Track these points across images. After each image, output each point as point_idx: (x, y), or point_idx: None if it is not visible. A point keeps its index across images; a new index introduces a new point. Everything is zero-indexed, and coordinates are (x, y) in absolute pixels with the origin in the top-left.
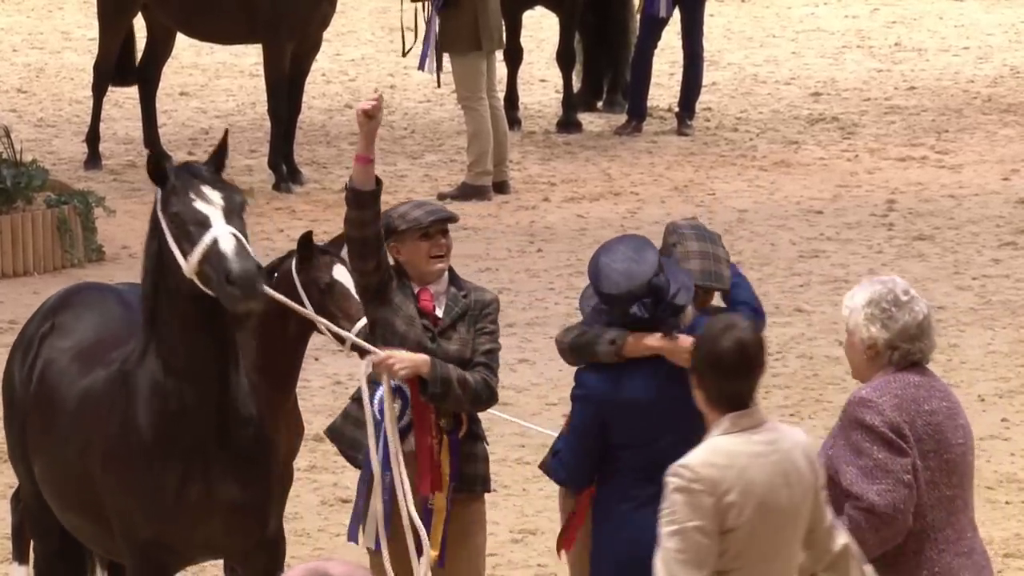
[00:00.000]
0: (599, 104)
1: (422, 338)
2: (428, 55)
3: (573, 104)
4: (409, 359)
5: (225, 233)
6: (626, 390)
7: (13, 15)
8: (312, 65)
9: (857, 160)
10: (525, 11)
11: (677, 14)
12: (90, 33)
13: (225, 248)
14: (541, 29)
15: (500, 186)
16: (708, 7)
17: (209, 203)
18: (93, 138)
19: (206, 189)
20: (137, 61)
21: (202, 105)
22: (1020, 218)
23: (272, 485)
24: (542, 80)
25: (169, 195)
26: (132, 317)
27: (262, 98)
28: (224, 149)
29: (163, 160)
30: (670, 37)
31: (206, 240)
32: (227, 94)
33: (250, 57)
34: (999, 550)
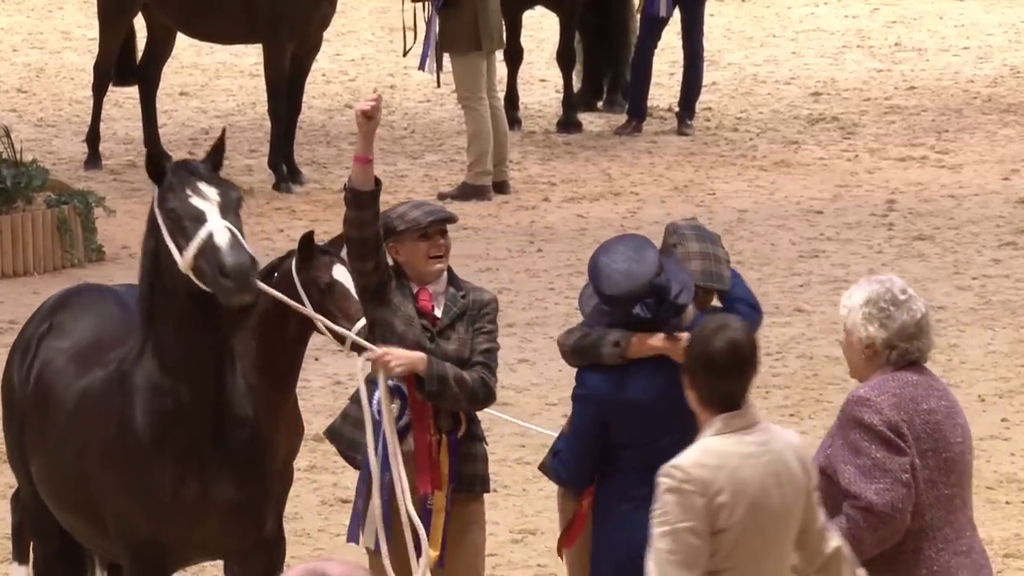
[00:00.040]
0: (599, 104)
1: (421, 338)
2: (428, 55)
3: (573, 104)
4: (405, 356)
5: (220, 227)
6: (628, 390)
7: (13, 15)
8: (312, 65)
9: (857, 160)
10: (525, 11)
11: (677, 14)
12: (90, 33)
13: (220, 241)
14: (541, 29)
15: (500, 186)
16: (708, 7)
17: (205, 199)
18: (93, 138)
19: (203, 185)
20: (137, 61)
21: (202, 105)
22: (1020, 218)
23: (268, 485)
24: (542, 80)
25: (166, 192)
26: (130, 318)
27: (262, 98)
28: (222, 147)
29: (161, 158)
30: (670, 37)
31: (201, 234)
32: (227, 94)
33: (250, 57)
34: (999, 550)
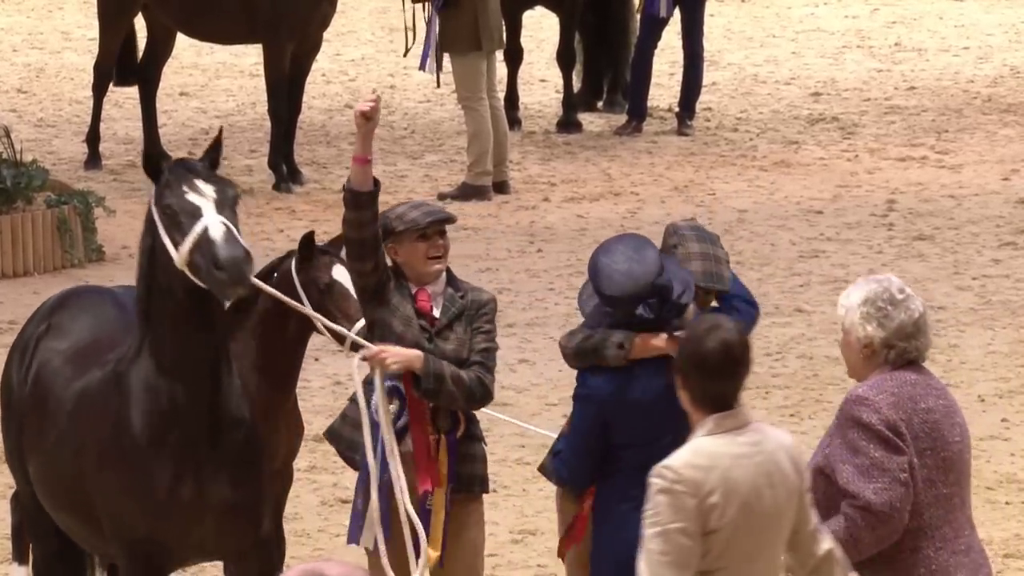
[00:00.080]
0: (599, 104)
1: (419, 338)
2: (428, 55)
3: (573, 104)
4: (402, 353)
5: (215, 222)
6: (629, 390)
7: (13, 15)
8: (312, 65)
9: (857, 160)
10: (525, 11)
11: (677, 14)
12: (90, 33)
13: (214, 235)
14: (541, 29)
15: (500, 186)
16: (708, 7)
17: (202, 195)
18: (93, 138)
19: (199, 182)
20: (138, 61)
21: (202, 105)
22: (1020, 218)
23: (264, 486)
24: (542, 80)
25: (163, 189)
26: (128, 319)
27: (262, 98)
28: (219, 145)
29: (159, 157)
30: (670, 37)
31: (197, 229)
32: (227, 94)
33: (250, 57)
34: (999, 550)
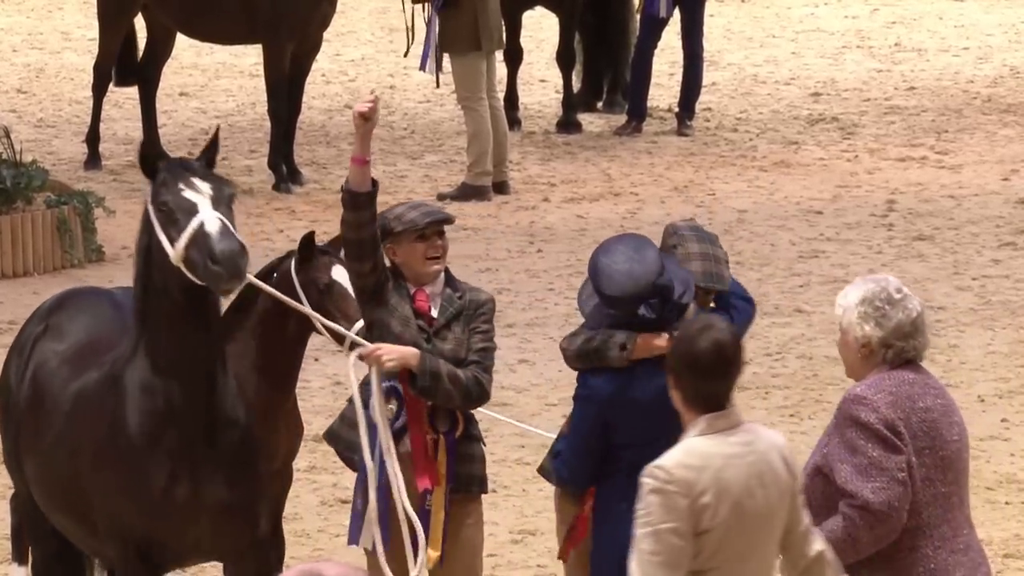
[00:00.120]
0: (599, 104)
1: (417, 338)
2: (428, 55)
3: (573, 104)
4: (398, 351)
5: (211, 217)
6: (630, 390)
7: (13, 15)
8: (312, 65)
9: (857, 160)
10: (525, 11)
11: (677, 14)
12: (90, 33)
13: (210, 229)
14: (541, 29)
15: (500, 186)
16: (708, 7)
17: (198, 192)
18: (93, 138)
19: (196, 180)
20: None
21: (202, 105)
22: (1020, 218)
23: (260, 486)
24: (542, 80)
25: (159, 187)
26: (126, 319)
27: (262, 98)
28: (215, 144)
29: (155, 156)
30: (670, 37)
31: (193, 225)
32: (227, 94)
33: (250, 57)
34: (999, 550)
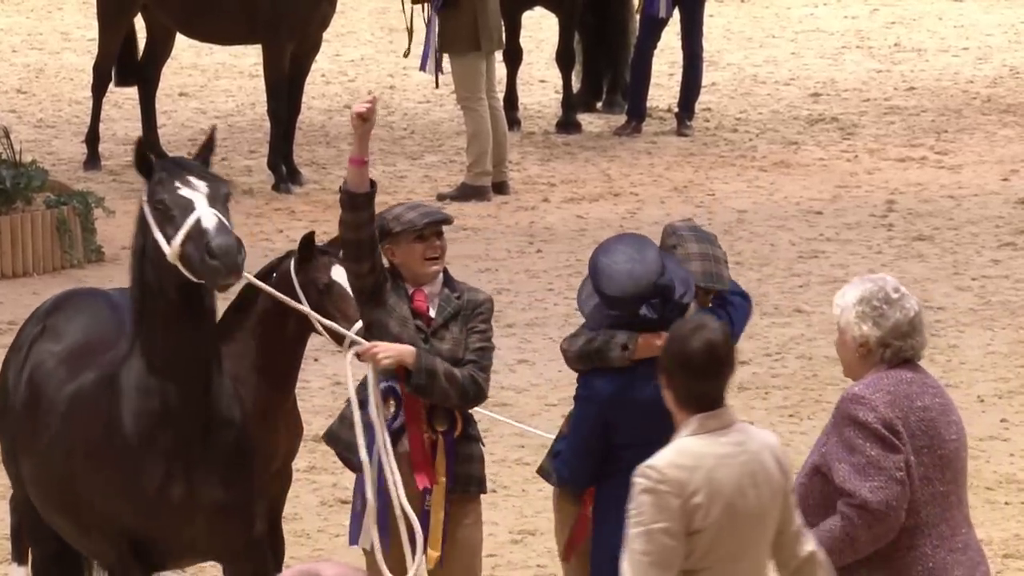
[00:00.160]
0: (598, 105)
1: (415, 339)
2: (429, 56)
3: (572, 105)
4: (394, 349)
5: (208, 214)
6: (631, 390)
7: (13, 16)
8: (312, 66)
9: (857, 161)
10: (525, 11)
11: (677, 14)
12: (90, 34)
13: (207, 225)
14: (541, 29)
15: (499, 187)
16: (708, 7)
17: (194, 190)
18: (92, 139)
19: (192, 178)
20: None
21: (201, 106)
22: (1019, 218)
23: (255, 486)
24: (542, 81)
25: (155, 186)
26: (122, 320)
27: (262, 99)
28: (211, 144)
29: (150, 154)
30: (670, 37)
31: (189, 221)
32: (226, 95)
33: (250, 58)
34: (999, 550)
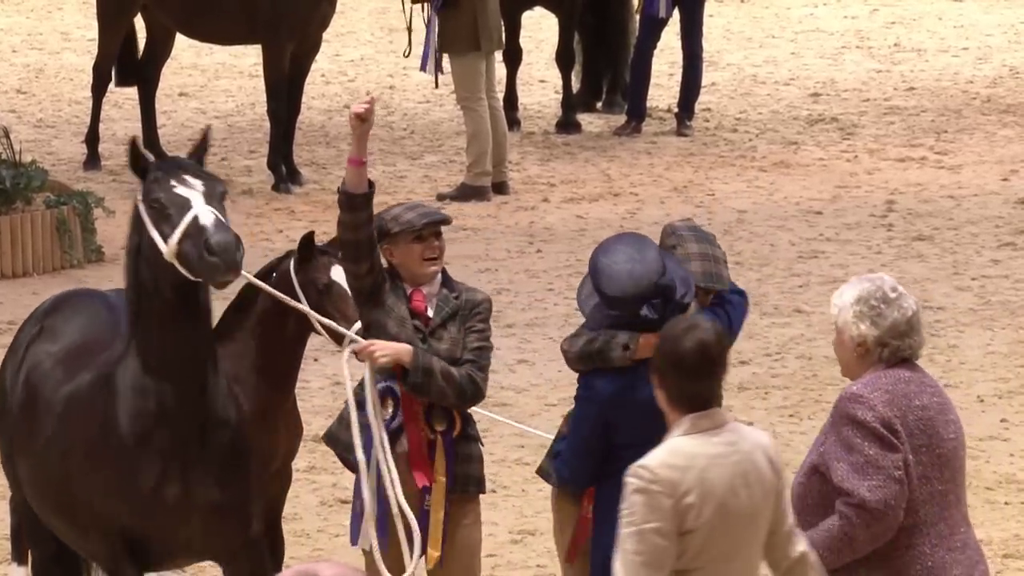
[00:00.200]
0: (598, 105)
1: (413, 338)
2: (429, 56)
3: (572, 105)
4: (391, 347)
5: (205, 211)
6: (631, 390)
7: (13, 16)
8: (312, 66)
9: (856, 161)
10: (524, 12)
11: (676, 15)
12: (89, 34)
13: (205, 222)
14: (540, 30)
15: (499, 187)
16: (707, 7)
17: (190, 188)
18: (92, 139)
19: (188, 177)
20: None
21: (201, 106)
22: (1019, 218)
23: (252, 486)
24: (541, 81)
25: (151, 185)
26: (119, 321)
27: (261, 99)
28: (205, 143)
29: (144, 154)
30: (669, 38)
31: (186, 219)
32: (226, 95)
33: (249, 58)
34: (998, 550)
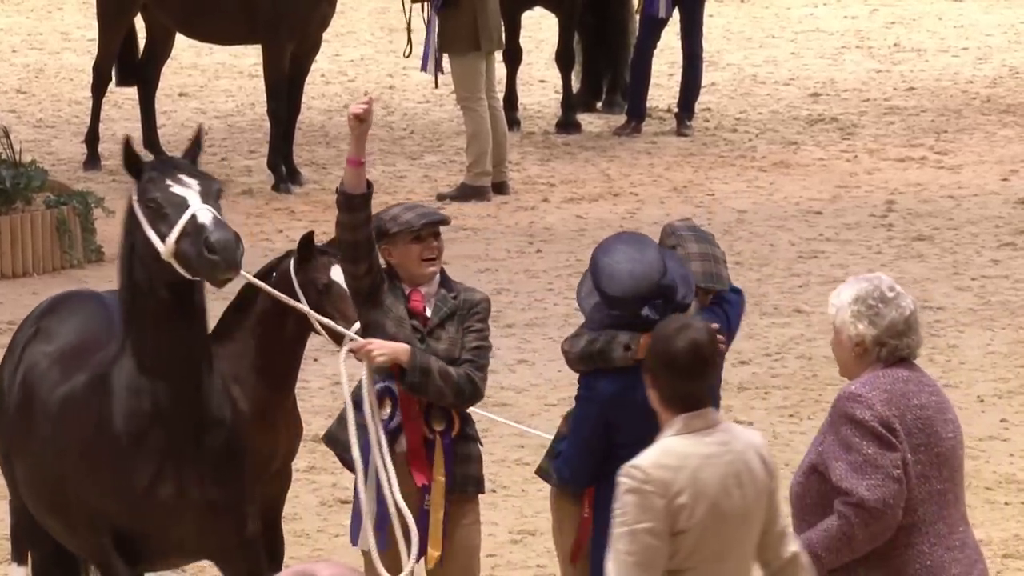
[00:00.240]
0: (598, 105)
1: (411, 338)
2: (429, 56)
3: (572, 105)
4: (389, 347)
5: (203, 209)
6: (632, 390)
7: (13, 16)
8: (311, 66)
9: (856, 161)
10: (524, 12)
11: (676, 15)
12: (89, 34)
13: (204, 220)
14: (540, 30)
15: (499, 187)
16: (707, 7)
17: (186, 187)
18: (92, 139)
19: (183, 176)
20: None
21: (201, 106)
22: (1019, 219)
23: (246, 487)
24: (541, 81)
25: (146, 184)
26: (115, 321)
27: (261, 99)
28: (198, 143)
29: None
30: (669, 38)
31: (184, 218)
32: (226, 95)
33: (249, 58)
34: (998, 551)
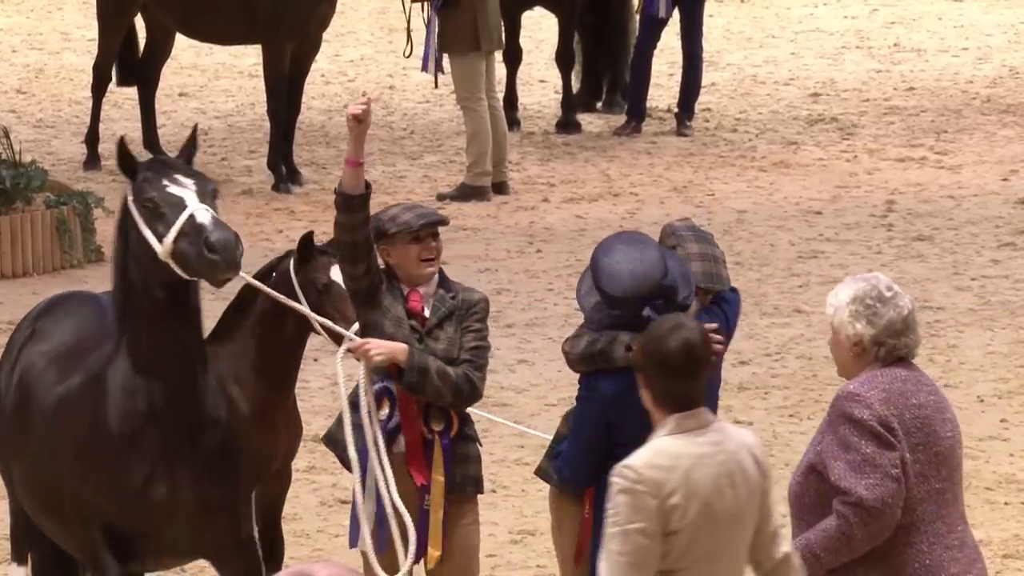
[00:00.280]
0: (598, 105)
1: (409, 339)
2: (429, 56)
3: (572, 105)
4: (386, 346)
5: (200, 208)
6: (633, 390)
7: (13, 16)
8: (311, 66)
9: (856, 161)
10: (524, 12)
11: (676, 15)
12: (89, 34)
13: (203, 220)
14: (540, 30)
15: (499, 187)
16: (707, 7)
17: (182, 187)
18: (92, 139)
19: (178, 176)
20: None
21: (201, 106)
22: (1019, 219)
23: (241, 487)
24: (541, 81)
25: (142, 184)
26: (111, 322)
27: (261, 99)
28: (193, 143)
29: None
30: (669, 38)
31: (182, 217)
32: (226, 95)
33: (249, 58)
34: (998, 551)
